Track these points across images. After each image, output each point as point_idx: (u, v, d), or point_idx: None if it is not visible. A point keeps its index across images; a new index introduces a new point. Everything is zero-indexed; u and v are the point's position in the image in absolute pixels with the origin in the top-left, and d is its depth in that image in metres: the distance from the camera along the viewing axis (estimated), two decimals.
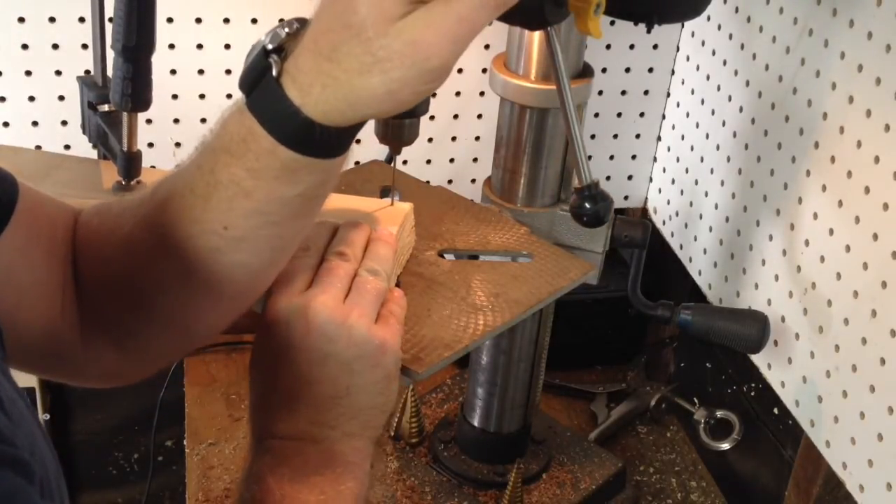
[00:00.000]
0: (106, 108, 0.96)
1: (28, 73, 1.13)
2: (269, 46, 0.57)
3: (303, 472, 0.65)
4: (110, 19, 0.87)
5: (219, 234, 0.61)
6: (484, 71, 1.25)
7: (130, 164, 0.91)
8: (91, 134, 0.99)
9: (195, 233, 0.62)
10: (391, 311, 0.70)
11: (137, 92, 0.87)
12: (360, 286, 0.69)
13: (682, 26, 1.28)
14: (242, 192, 0.59)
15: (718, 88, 1.19)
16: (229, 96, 1.20)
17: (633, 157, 1.38)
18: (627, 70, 1.31)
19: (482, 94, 1.27)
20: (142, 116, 1.17)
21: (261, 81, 0.57)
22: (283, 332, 0.66)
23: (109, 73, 0.91)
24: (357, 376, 0.66)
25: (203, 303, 0.66)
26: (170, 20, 1.13)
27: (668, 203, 1.34)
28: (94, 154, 1.06)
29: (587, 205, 0.75)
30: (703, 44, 1.23)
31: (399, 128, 0.84)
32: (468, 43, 0.55)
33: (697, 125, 1.25)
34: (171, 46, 1.15)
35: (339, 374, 0.66)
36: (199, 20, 1.15)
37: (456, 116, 1.28)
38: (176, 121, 1.20)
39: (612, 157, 1.37)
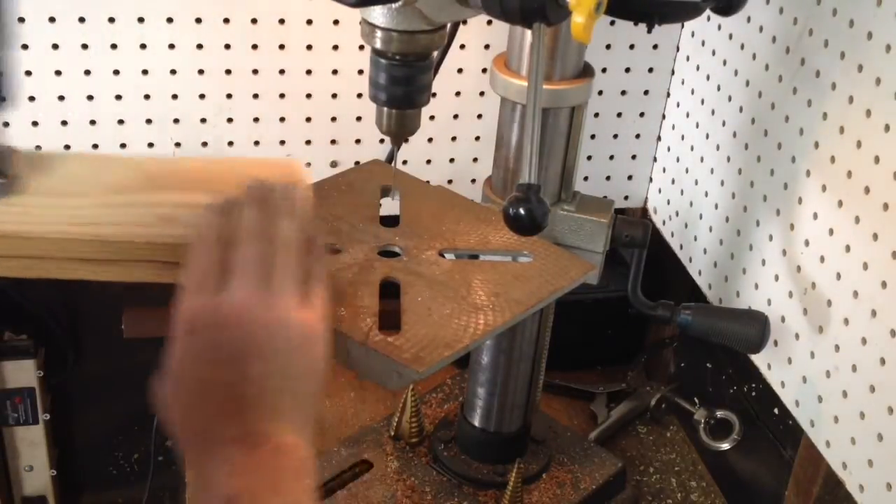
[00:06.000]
0: None
1: None
2: None
3: (261, 476, 0.62)
4: None
5: None
6: (484, 71, 1.25)
7: None
8: None
9: None
10: (313, 290, 0.67)
11: None
12: (279, 268, 0.66)
13: (682, 26, 1.28)
14: None
15: (718, 88, 1.19)
16: (229, 96, 1.20)
17: (633, 157, 1.38)
18: (627, 70, 1.31)
19: (482, 94, 1.27)
20: (143, 116, 1.18)
21: None
22: (206, 337, 0.63)
23: None
24: (291, 367, 0.64)
25: None
26: (170, 20, 1.13)
27: (668, 203, 1.34)
28: None
29: (521, 208, 0.69)
30: (703, 44, 1.23)
31: (401, 118, 0.84)
32: None
33: (697, 125, 1.25)
34: (171, 46, 1.15)
35: (272, 367, 0.63)
36: (199, 20, 1.15)
37: (456, 116, 1.28)
38: (176, 121, 1.20)
39: (612, 157, 1.37)
